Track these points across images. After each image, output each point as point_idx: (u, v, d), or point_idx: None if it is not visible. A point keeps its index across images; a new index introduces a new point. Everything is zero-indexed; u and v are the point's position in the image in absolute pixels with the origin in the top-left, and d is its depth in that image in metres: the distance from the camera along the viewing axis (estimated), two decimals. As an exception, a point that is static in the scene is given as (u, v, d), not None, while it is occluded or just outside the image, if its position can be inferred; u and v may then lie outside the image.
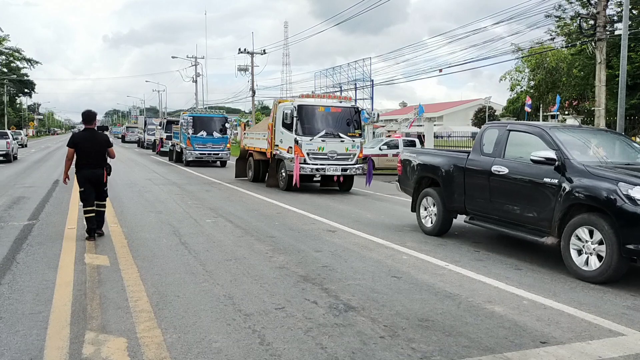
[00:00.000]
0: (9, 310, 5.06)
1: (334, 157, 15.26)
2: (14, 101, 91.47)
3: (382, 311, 5.22)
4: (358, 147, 15.73)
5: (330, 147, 15.22)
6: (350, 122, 15.85)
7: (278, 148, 16.02)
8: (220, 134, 26.92)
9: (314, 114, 15.52)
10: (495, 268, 7.06)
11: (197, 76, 59.51)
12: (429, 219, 9.34)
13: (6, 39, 76.86)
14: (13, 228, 9.16)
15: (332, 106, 15.88)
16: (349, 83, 40.52)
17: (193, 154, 26.13)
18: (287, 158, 15.36)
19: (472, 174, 8.35)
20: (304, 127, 15.22)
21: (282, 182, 16.10)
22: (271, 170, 16.91)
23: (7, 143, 27.12)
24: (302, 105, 15.44)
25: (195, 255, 7.39)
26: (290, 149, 15.14)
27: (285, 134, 15.59)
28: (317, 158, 15.14)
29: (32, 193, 14.15)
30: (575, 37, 23.58)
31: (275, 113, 16.40)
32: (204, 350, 4.19)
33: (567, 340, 4.60)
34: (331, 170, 15.35)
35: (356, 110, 16.17)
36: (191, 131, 26.20)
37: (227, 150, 27.23)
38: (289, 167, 15.34)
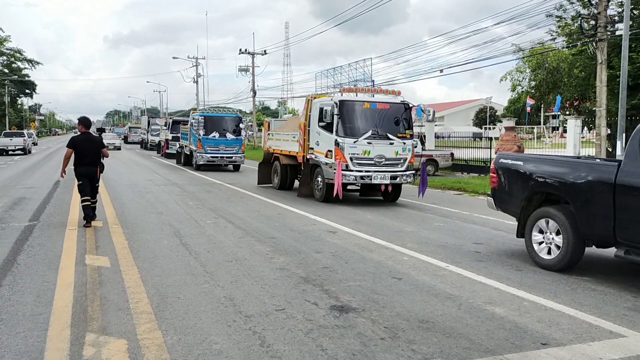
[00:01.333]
0: (10, 311, 5.06)
1: (382, 163, 12.95)
2: (15, 102, 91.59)
3: (382, 312, 5.22)
4: (409, 151, 13.39)
5: (378, 150, 12.91)
6: (400, 120, 13.51)
7: (313, 152, 13.74)
8: (234, 135, 24.39)
9: (359, 112, 13.20)
10: (496, 269, 7.06)
11: (198, 77, 59.54)
12: (545, 249, 7.16)
13: (7, 40, 77.01)
14: (14, 229, 9.16)
15: (379, 102, 13.29)
16: (349, 83, 40.46)
17: (204, 157, 23.80)
18: (325, 163, 13.15)
19: (630, 192, 6.20)
20: (347, 126, 12.99)
21: (318, 191, 13.83)
22: (304, 177, 14.58)
23: (24, 140, 37.68)
24: (344, 101, 13.07)
25: (196, 257, 7.39)
26: (330, 153, 12.95)
27: (323, 135, 13.32)
28: (362, 164, 12.85)
29: (33, 194, 14.16)
30: (576, 37, 23.53)
31: (309, 110, 14.13)
32: (204, 352, 4.19)
33: (567, 341, 4.59)
34: (378, 178, 12.94)
35: (406, 107, 13.66)
36: (202, 132, 23.77)
37: (241, 153, 24.61)
38: (327, 174, 13.18)
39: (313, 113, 13.79)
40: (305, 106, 14.53)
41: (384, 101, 13.41)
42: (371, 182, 13.05)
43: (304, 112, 14.48)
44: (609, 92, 19.64)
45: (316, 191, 13.96)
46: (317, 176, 13.82)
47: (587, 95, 27.35)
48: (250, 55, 47.23)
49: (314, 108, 13.77)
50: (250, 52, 47.03)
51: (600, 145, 18.85)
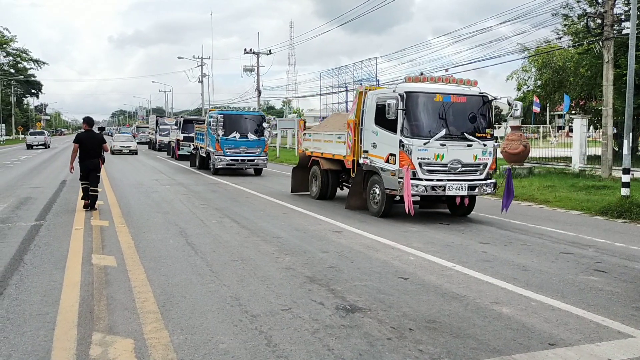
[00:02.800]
0: (17, 311, 5.07)
1: (458, 170, 10.52)
2: (21, 102, 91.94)
3: (389, 312, 5.21)
4: (491, 154, 10.87)
5: (453, 154, 10.43)
6: (477, 116, 11.03)
7: (368, 155, 11.48)
8: (256, 136, 21.86)
9: (429, 106, 10.68)
10: (503, 269, 7.03)
11: (203, 77, 59.65)
12: None
13: (13, 40, 77.37)
14: (20, 229, 9.19)
15: (453, 93, 10.75)
16: (354, 83, 40.47)
17: (223, 160, 21.38)
18: (385, 170, 10.85)
19: None
20: (415, 124, 10.54)
21: (374, 204, 11.45)
22: (355, 186, 12.24)
23: (45, 137, 50.88)
24: (412, 93, 10.55)
25: (202, 256, 7.39)
26: (392, 157, 10.62)
27: (382, 135, 11.05)
28: (433, 171, 10.41)
29: (39, 194, 14.20)
30: (583, 36, 23.44)
31: (362, 105, 11.88)
32: (210, 352, 4.19)
33: (575, 342, 4.56)
34: (453, 189, 10.41)
35: (485, 100, 11.09)
36: (221, 132, 21.34)
37: (264, 155, 22.10)
38: (388, 184, 10.78)
39: (368, 108, 11.60)
40: (355, 100, 12.35)
41: (460, 93, 10.88)
42: (445, 193, 10.45)
43: (353, 108, 12.36)
44: (615, 91, 19.54)
45: (371, 203, 11.54)
46: (373, 185, 11.41)
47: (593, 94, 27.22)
48: (255, 55, 47.25)
49: (369, 102, 11.59)
50: (255, 52, 47.02)
51: (606, 145, 18.76)
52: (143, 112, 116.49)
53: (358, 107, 12.04)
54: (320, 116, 51.55)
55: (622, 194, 12.35)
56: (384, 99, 10.79)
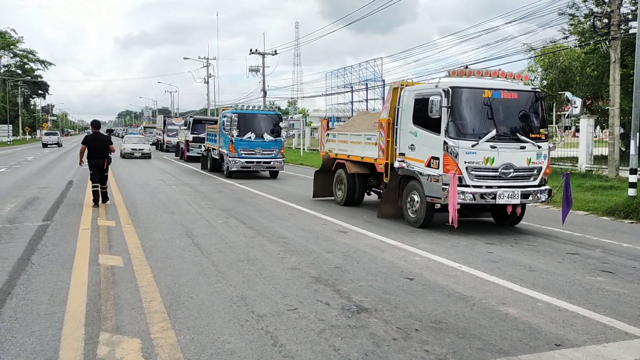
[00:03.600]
0: (25, 310, 5.11)
1: (509, 175, 9.33)
2: (28, 102, 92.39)
3: (394, 313, 5.21)
4: (545, 157, 9.72)
5: (505, 157, 9.26)
6: (530, 115, 9.88)
7: (405, 158, 10.30)
8: (272, 136, 20.70)
9: (477, 103, 9.47)
10: (509, 269, 7.01)
11: (208, 77, 59.77)
12: None
13: (20, 41, 77.80)
14: (28, 229, 9.24)
15: (503, 89, 9.61)
16: (360, 83, 40.47)
17: (238, 162, 20.12)
18: (426, 175, 9.68)
19: None
20: (461, 124, 9.39)
21: (411, 213, 10.27)
22: (389, 192, 11.05)
23: (58, 137, 57.88)
24: (458, 89, 9.39)
25: (208, 256, 7.42)
26: (435, 161, 9.47)
27: (421, 136, 9.93)
28: (483, 176, 9.24)
29: (47, 194, 14.27)
30: (589, 35, 23.36)
31: (397, 103, 10.73)
32: (217, 352, 4.21)
33: (582, 342, 4.55)
34: (505, 197, 9.23)
35: (538, 96, 9.99)
36: (236, 133, 20.07)
37: (281, 157, 20.94)
38: (429, 190, 9.60)
39: (404, 106, 10.48)
40: (389, 97, 11.11)
41: (511, 88, 9.77)
42: (495, 202, 9.26)
43: (386, 106, 11.16)
44: (622, 91, 19.46)
45: (408, 212, 10.36)
46: (411, 192, 10.22)
47: (600, 94, 27.10)
48: (261, 56, 47.31)
49: (406, 99, 10.47)
50: (260, 53, 47.09)
51: (613, 145, 18.68)
52: (149, 112, 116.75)
53: (392, 105, 10.86)
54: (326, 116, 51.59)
55: (629, 194, 12.30)
56: (425, 95, 9.73)
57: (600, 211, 12.27)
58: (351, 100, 41.89)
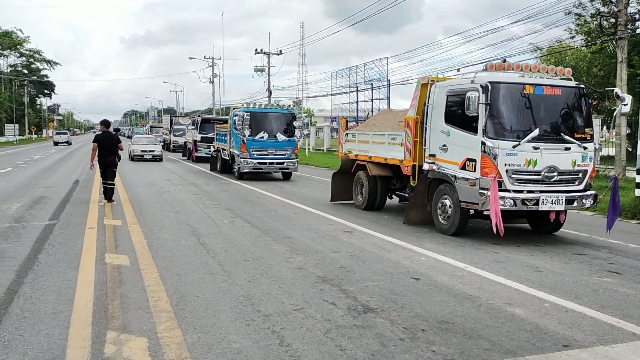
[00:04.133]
0: (32, 309, 5.12)
1: (553, 178, 8.56)
2: (34, 102, 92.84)
3: (401, 313, 5.20)
4: (591, 160, 8.99)
5: (548, 159, 8.48)
6: (575, 113, 9.10)
7: (436, 160, 9.55)
8: (285, 136, 19.82)
9: (518, 100, 8.71)
10: (516, 270, 6.99)
11: (214, 77, 59.84)
12: None
13: (26, 41, 78.12)
14: (34, 228, 9.28)
15: (546, 85, 8.84)
16: (365, 83, 40.45)
17: (250, 163, 19.31)
18: (462, 179, 8.91)
19: None
20: (500, 123, 8.60)
21: (443, 219, 9.48)
22: (417, 196, 10.22)
23: (68, 136, 64.05)
24: (498, 84, 8.62)
25: (214, 256, 7.43)
26: (471, 163, 8.75)
27: (455, 136, 9.18)
28: (524, 180, 8.49)
29: (53, 193, 14.33)
30: (596, 35, 23.27)
31: (426, 100, 9.97)
32: (224, 351, 4.21)
33: (589, 343, 4.53)
34: (548, 203, 8.46)
35: (583, 93, 9.22)
36: (248, 132, 19.25)
37: (294, 157, 20.03)
38: (464, 195, 8.85)
39: (435, 103, 9.71)
40: (416, 94, 10.27)
41: (554, 84, 8.99)
42: (538, 208, 8.48)
43: (414, 103, 10.34)
44: (629, 91, 19.35)
45: (439, 219, 9.58)
46: (442, 197, 9.45)
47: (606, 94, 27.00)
48: (266, 55, 47.34)
49: (437, 96, 9.72)
50: (265, 52, 47.11)
51: (620, 145, 18.60)
52: (154, 112, 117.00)
53: (420, 102, 10.09)
54: (331, 116, 51.49)
55: (636, 194, 12.24)
56: (460, 91, 9.06)
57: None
58: (356, 100, 41.89)
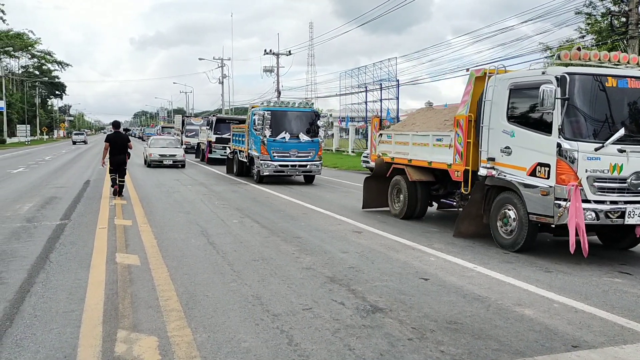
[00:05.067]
0: (43, 308, 5.18)
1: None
2: (45, 103, 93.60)
3: (410, 313, 5.20)
4: None
5: (636, 164, 7.32)
6: None
7: (495, 164, 8.37)
8: (308, 137, 18.43)
9: (600, 95, 7.53)
10: (525, 270, 6.97)
11: (223, 77, 60.03)
12: None
13: (38, 42, 78.84)
14: (46, 228, 9.36)
15: (631, 77, 7.64)
16: (374, 83, 40.44)
17: (271, 165, 17.99)
18: (531, 187, 7.68)
19: None
20: (579, 121, 7.44)
21: (506, 234, 8.23)
22: (471, 206, 8.99)
23: (84, 136, 70.85)
24: (577, 76, 7.47)
25: (224, 256, 7.46)
26: (544, 169, 7.54)
27: (522, 137, 7.99)
28: (607, 189, 7.29)
29: (64, 193, 14.44)
30: (606, 35, 23.15)
31: (481, 95, 8.86)
32: (233, 350, 4.24)
33: (599, 344, 4.52)
34: (636, 216, 7.30)
35: None
36: (268, 133, 17.95)
37: (318, 160, 18.62)
38: (535, 207, 7.62)
39: (495, 99, 8.52)
40: (468, 89, 9.23)
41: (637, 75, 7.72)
42: (624, 222, 7.28)
43: (465, 99, 9.25)
44: None
45: (500, 232, 8.35)
46: (505, 207, 8.23)
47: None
48: (275, 56, 47.46)
49: (497, 90, 8.52)
50: (275, 53, 47.25)
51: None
52: (164, 112, 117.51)
53: (474, 98, 9.06)
54: (340, 116, 51.48)
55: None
56: (527, 85, 7.97)
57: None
58: (365, 101, 41.89)
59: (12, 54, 75.27)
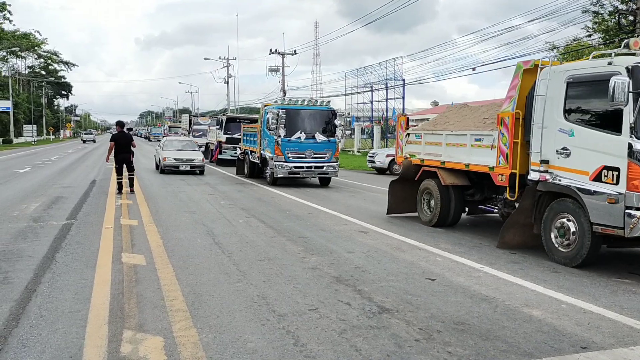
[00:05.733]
0: (49, 308, 5.17)
1: None
2: (51, 103, 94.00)
3: (416, 314, 5.17)
4: None
5: None
6: None
7: (550, 167, 7.52)
8: (324, 136, 17.52)
9: None
10: (533, 271, 6.92)
11: (228, 77, 60.07)
12: None
13: (44, 42, 79.14)
14: (52, 227, 9.38)
15: None
16: (379, 82, 40.40)
17: (285, 167, 17.12)
18: (595, 193, 6.80)
19: None
20: None
21: (562, 246, 7.39)
22: (519, 213, 8.15)
23: (93, 135, 76.22)
24: None
25: (229, 255, 7.45)
26: (612, 173, 6.65)
27: (584, 136, 7.13)
28: None
29: (70, 193, 14.47)
30: (614, 33, 23.01)
31: (531, 89, 8.08)
32: (239, 350, 4.22)
33: (608, 345, 4.47)
34: None
35: None
36: (283, 132, 17.10)
37: (335, 161, 17.73)
38: (601, 217, 6.72)
39: (549, 93, 7.66)
40: (515, 83, 8.42)
41: None
42: None
43: (511, 95, 8.45)
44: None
45: (554, 244, 7.52)
46: (561, 215, 7.40)
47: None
48: (281, 56, 47.42)
49: (551, 84, 7.67)
50: (280, 53, 47.19)
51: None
52: (170, 112, 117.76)
53: (521, 93, 8.28)
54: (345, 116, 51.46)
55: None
56: (591, 77, 7.14)
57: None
58: (371, 100, 41.85)
59: (18, 54, 75.59)
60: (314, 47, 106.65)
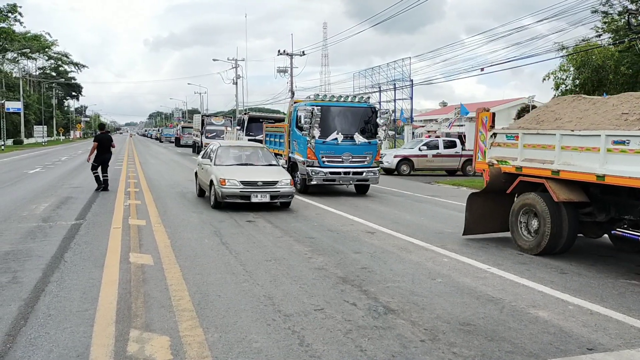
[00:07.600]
0: (57, 307, 5.22)
1: None
2: (62, 104, 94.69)
3: (422, 314, 5.17)
4: None
5: None
6: None
7: None
8: (364, 138, 15.14)
9: None
10: (540, 272, 6.89)
11: (237, 78, 60.17)
12: None
13: (55, 44, 79.70)
14: (61, 227, 9.45)
15: None
16: (387, 83, 40.35)
17: (320, 173, 14.73)
18: None
19: None
20: None
21: None
22: None
23: None
24: None
25: (236, 256, 7.47)
26: None
27: None
28: None
29: (79, 193, 14.57)
30: (624, 33, 22.86)
31: None
32: (244, 350, 4.24)
33: (615, 347, 4.45)
34: None
35: None
36: (317, 133, 14.69)
37: (375, 166, 15.36)
38: None
39: None
40: None
41: None
42: None
43: None
44: (658, 90, 18.96)
45: None
46: None
47: (634, 93, 26.48)
48: (289, 56, 47.45)
49: None
50: (288, 53, 47.22)
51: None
52: (179, 113, 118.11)
53: None
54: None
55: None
56: None
57: None
58: (379, 100, 41.79)
59: (29, 56, 76.14)
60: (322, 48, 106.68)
